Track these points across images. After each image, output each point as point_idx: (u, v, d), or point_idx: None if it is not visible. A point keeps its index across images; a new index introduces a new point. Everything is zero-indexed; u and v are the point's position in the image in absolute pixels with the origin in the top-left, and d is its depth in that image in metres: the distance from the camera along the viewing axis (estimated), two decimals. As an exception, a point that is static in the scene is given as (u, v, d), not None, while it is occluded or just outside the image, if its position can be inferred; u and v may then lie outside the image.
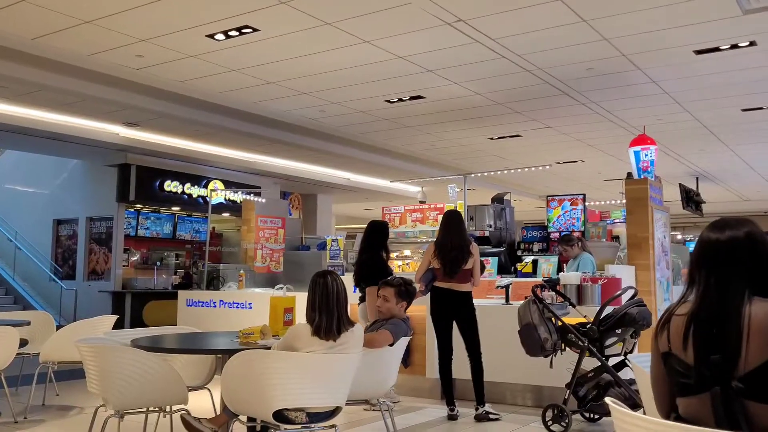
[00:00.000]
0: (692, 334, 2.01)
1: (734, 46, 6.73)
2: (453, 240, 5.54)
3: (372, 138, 10.95)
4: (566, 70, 7.47)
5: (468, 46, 6.71)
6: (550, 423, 4.97)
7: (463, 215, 6.86)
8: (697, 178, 13.70)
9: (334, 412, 3.50)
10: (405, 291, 4.58)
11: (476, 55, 6.95)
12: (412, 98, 8.58)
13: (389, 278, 4.85)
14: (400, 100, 8.66)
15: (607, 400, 2.17)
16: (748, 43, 6.65)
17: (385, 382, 4.13)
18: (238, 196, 11.61)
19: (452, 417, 5.47)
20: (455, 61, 7.18)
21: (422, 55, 7.01)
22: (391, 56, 7.02)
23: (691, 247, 11.50)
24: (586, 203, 8.73)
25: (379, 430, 4.71)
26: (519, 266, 7.10)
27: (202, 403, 4.44)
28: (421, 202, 11.92)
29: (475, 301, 5.64)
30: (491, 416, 5.42)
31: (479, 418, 5.41)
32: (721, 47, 6.76)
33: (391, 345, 4.16)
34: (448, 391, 5.58)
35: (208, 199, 11.26)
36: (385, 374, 4.11)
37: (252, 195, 10.08)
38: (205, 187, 12.32)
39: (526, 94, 8.36)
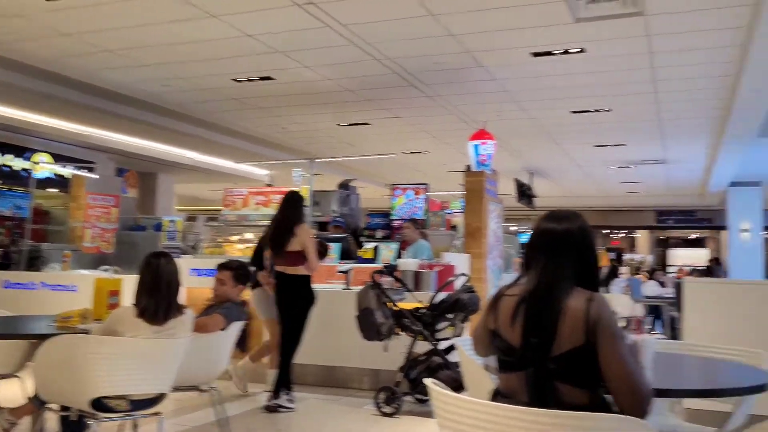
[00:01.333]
0: (519, 316, 2.13)
1: (566, 52, 7.19)
2: (278, 219, 5.44)
3: (219, 117, 10.61)
4: (414, 62, 7.64)
5: (319, 30, 6.65)
6: (382, 405, 5.08)
7: (306, 199, 6.82)
8: (531, 174, 14.60)
9: (158, 398, 3.35)
10: (242, 274, 4.48)
11: (327, 39, 6.91)
12: (262, 79, 8.40)
13: (226, 261, 4.72)
14: (249, 80, 8.45)
15: (426, 381, 2.24)
16: (578, 50, 7.13)
17: (215, 368, 4.01)
18: (67, 171, 10.80)
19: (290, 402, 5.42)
20: (306, 44, 7.10)
21: (272, 35, 6.86)
22: (240, 33, 6.81)
23: (523, 238, 12.21)
24: (429, 193, 9.02)
25: (208, 418, 4.58)
26: (360, 252, 7.19)
27: (14, 393, 4.09)
28: (268, 185, 11.75)
29: (317, 286, 5.61)
30: (281, 410, 5.17)
31: (269, 409, 5.16)
32: (554, 51, 7.20)
33: (224, 329, 4.05)
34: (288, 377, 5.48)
35: (31, 172, 10.37)
36: (216, 360, 4.00)
37: (83, 170, 9.42)
38: (29, 159, 11.34)
39: (376, 83, 8.46)
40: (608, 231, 26.54)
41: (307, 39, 6.94)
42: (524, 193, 12.79)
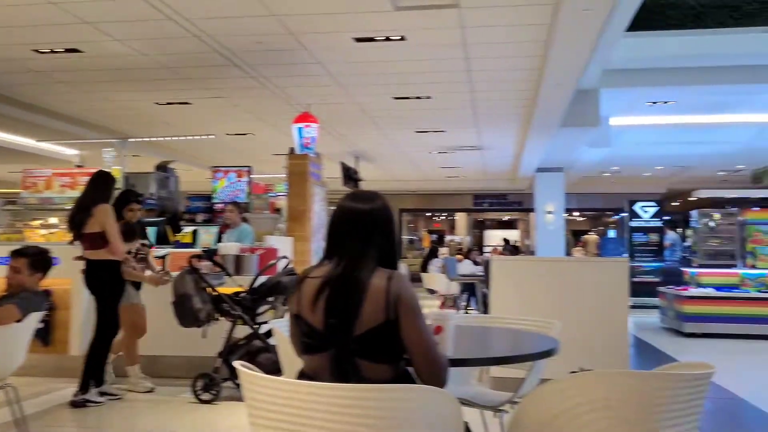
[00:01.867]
0: (323, 297, 2.13)
1: (388, 39, 7.36)
2: (79, 199, 5.13)
3: (17, 91, 9.67)
4: (236, 41, 7.43)
5: (131, 2, 6.26)
6: (199, 392, 4.95)
7: (118, 181, 6.42)
8: (357, 158, 14.85)
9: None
10: (40, 261, 4.12)
11: (139, 12, 6.51)
12: (67, 51, 7.75)
13: (22, 247, 4.32)
14: (53, 51, 7.76)
15: (235, 363, 2.19)
16: (399, 38, 7.32)
17: (9, 363, 3.67)
18: None
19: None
20: (116, 16, 6.64)
21: (77, 3, 6.34)
22: (41, 0, 6.23)
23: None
24: (253, 176, 8.87)
25: (3, 417, 4.19)
26: (178, 236, 6.92)
27: None
28: (78, 166, 10.93)
29: (129, 272, 5.32)
30: (89, 404, 4.90)
31: (75, 404, 4.87)
32: (376, 38, 7.33)
33: (19, 321, 3.71)
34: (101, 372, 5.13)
35: None
36: (10, 354, 3.66)
37: None
38: None
39: (196, 61, 8.13)
40: (430, 214, 27.78)
41: (117, 10, 6.50)
42: (350, 176, 13.00)
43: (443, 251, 16.03)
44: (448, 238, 26.89)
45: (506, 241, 21.42)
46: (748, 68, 10.75)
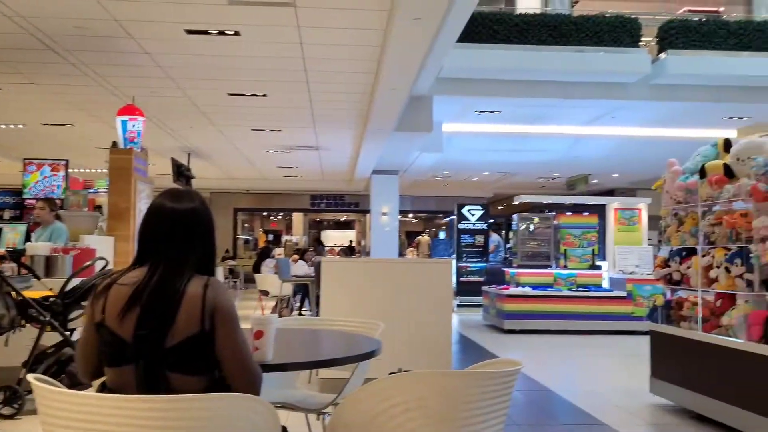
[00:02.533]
0: (133, 306, 1.97)
1: (222, 33, 7.14)
2: None
3: None
4: (52, 23, 6.86)
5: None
6: (1, 406, 4.50)
7: None
8: (189, 154, 14.31)
9: None
10: None
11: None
12: None
13: None
14: None
15: (29, 377, 2.00)
16: (233, 32, 7.13)
17: None
18: None
19: None
20: None
21: None
22: None
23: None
24: (72, 170, 8.24)
25: None
26: (-21, 235, 6.26)
27: None
28: None
29: None
30: None
31: None
32: (210, 31, 7.09)
33: None
34: None
35: None
36: None
37: None
38: None
39: (6, 42, 7.41)
40: (266, 213, 27.43)
41: None
42: (181, 173, 12.48)
43: (279, 251, 15.87)
44: (284, 237, 26.70)
45: (317, 240, 21.59)
46: (564, 84, 11.67)
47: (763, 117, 12.00)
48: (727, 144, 5.09)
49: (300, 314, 11.37)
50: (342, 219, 29.93)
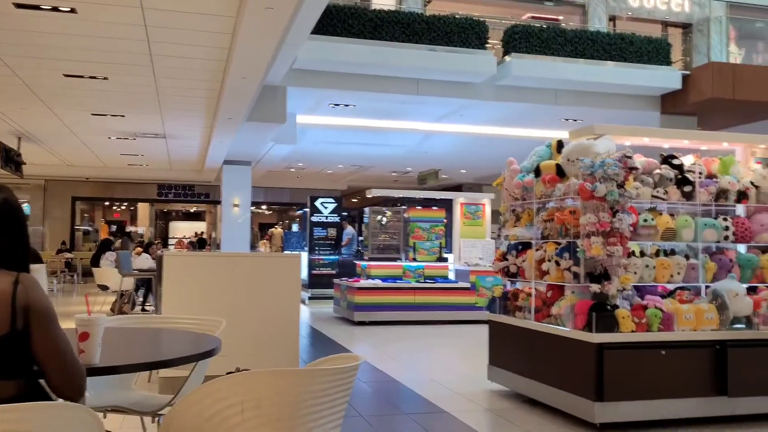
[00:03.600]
0: None
1: (56, 9, 6.62)
2: None
3: None
4: None
5: None
6: None
7: None
8: (20, 138, 13.19)
9: None
10: None
11: None
12: None
13: None
14: None
15: None
16: (69, 9, 6.63)
17: None
18: None
19: None
20: None
21: None
22: None
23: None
24: None
25: None
26: None
27: None
28: None
29: None
30: None
31: None
32: (42, 6, 6.55)
33: None
34: None
35: None
36: None
37: None
38: None
39: None
40: (109, 203, 25.92)
41: None
42: (11, 159, 11.48)
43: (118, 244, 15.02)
44: (129, 229, 25.38)
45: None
46: (416, 81, 11.98)
47: (596, 120, 12.98)
48: (560, 145, 5.45)
49: (143, 310, 10.86)
50: (192, 210, 28.93)
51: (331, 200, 14.88)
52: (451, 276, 11.19)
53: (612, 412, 4.47)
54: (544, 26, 13.11)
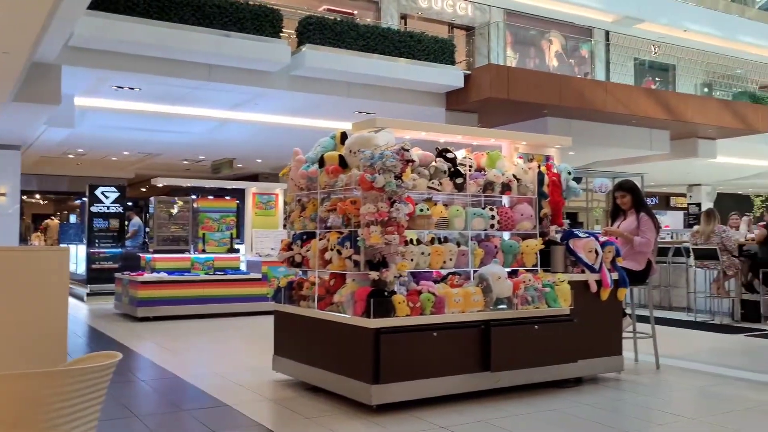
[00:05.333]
0: None
1: None
2: None
3: None
4: None
5: None
6: None
7: None
8: None
9: None
10: None
11: None
12: None
13: None
14: None
15: None
16: None
17: None
18: None
19: None
20: None
21: None
22: None
23: None
24: None
25: None
26: None
27: None
28: None
29: None
30: None
31: None
32: None
33: None
34: None
35: None
36: None
37: None
38: None
39: None
40: None
41: None
42: None
43: None
44: None
45: None
46: (207, 66, 11.58)
47: (387, 113, 13.45)
48: (344, 136, 5.54)
49: None
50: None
51: (113, 189, 13.92)
52: (243, 267, 11.01)
53: (387, 394, 4.65)
54: (339, 19, 13.31)
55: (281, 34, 12.31)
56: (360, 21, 14.52)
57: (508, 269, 5.59)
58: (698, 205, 24.20)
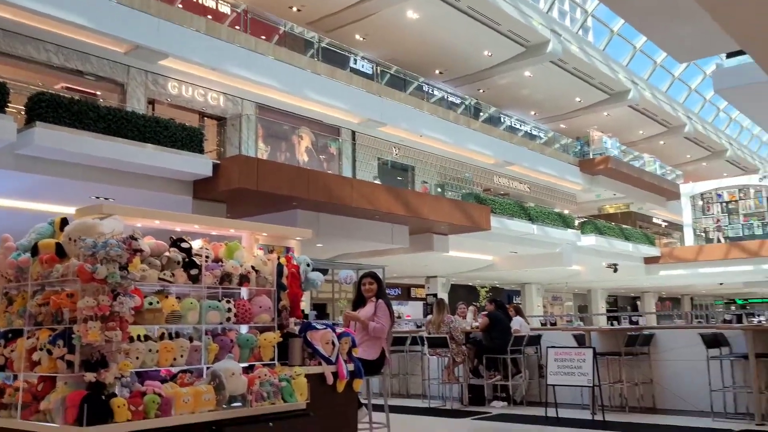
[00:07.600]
0: None
1: None
2: None
3: None
4: None
5: None
6: None
7: None
8: None
9: None
10: None
11: None
12: None
13: None
14: None
15: None
16: None
17: None
18: None
19: None
20: None
21: None
22: None
23: None
24: None
25: None
26: None
27: None
28: None
29: None
30: None
31: None
32: None
33: None
34: None
35: None
36: None
37: None
38: None
39: None
40: None
41: None
42: None
43: None
44: None
45: None
46: None
47: (129, 200, 12.73)
48: (64, 222, 5.06)
49: None
50: None
51: None
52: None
53: None
54: (76, 98, 12.51)
55: (6, 109, 11.21)
56: (103, 103, 13.82)
57: (245, 364, 5.40)
58: (435, 295, 26.13)
